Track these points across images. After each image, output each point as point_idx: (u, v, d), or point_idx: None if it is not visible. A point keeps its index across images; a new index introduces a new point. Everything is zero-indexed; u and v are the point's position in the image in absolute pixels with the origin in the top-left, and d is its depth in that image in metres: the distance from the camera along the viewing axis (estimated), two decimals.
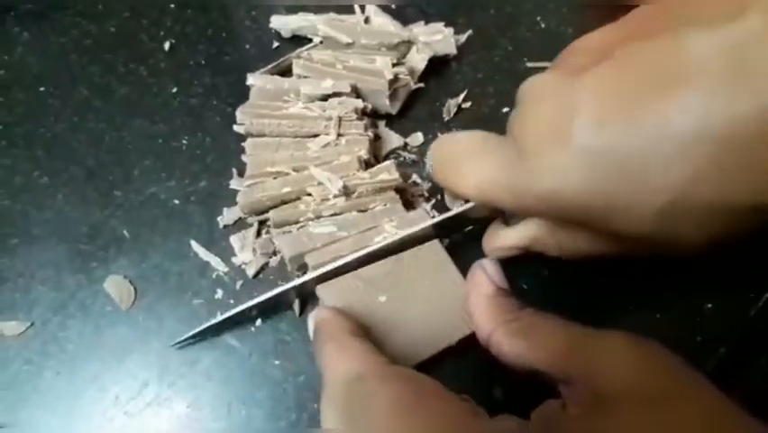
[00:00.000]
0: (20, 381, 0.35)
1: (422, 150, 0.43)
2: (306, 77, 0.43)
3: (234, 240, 0.39)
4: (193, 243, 0.39)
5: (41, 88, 0.45)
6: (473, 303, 0.32)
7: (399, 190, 0.39)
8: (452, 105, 0.45)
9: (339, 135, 0.40)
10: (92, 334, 0.36)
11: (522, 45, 0.48)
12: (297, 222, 0.37)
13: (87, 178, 0.42)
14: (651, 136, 0.22)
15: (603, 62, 0.25)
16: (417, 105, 0.45)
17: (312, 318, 0.33)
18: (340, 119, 0.40)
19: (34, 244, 0.39)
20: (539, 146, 0.26)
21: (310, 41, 0.47)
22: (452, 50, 0.47)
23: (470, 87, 0.46)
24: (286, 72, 0.45)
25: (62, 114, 0.44)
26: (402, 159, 0.43)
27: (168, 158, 0.42)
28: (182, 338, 0.35)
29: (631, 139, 0.23)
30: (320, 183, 0.37)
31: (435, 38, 0.47)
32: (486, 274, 0.33)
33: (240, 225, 0.40)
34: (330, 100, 0.41)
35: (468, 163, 0.31)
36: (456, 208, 0.36)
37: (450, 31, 0.47)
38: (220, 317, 0.35)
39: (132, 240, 0.39)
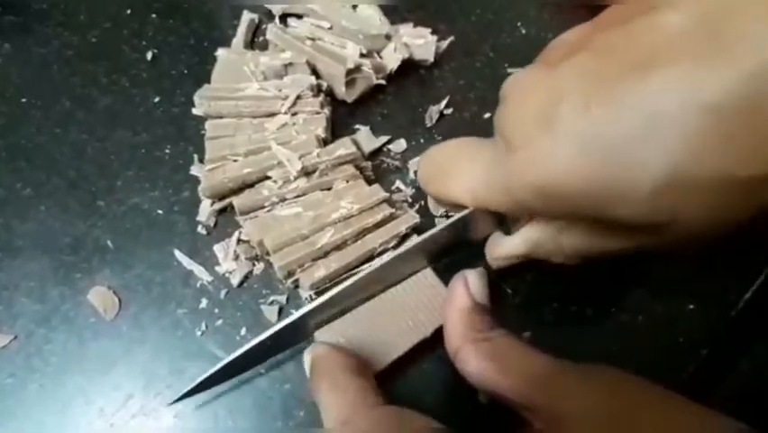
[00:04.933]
0: (4, 394, 0.35)
1: (405, 156, 0.43)
2: (276, 45, 0.44)
3: (218, 249, 0.39)
4: (176, 252, 0.39)
5: (23, 100, 0.45)
6: (447, 316, 0.32)
7: (359, 168, 0.40)
8: (434, 111, 0.45)
9: (294, 114, 0.40)
10: (76, 346, 0.36)
11: (503, 51, 0.49)
12: (262, 207, 0.38)
13: (70, 189, 0.41)
14: (637, 115, 0.22)
15: (583, 50, 0.24)
16: (399, 112, 0.45)
17: (308, 354, 0.32)
18: (298, 97, 0.40)
19: (17, 256, 0.39)
20: (526, 137, 0.26)
21: None
22: (430, 58, 0.47)
23: (452, 94, 0.46)
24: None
25: (44, 125, 0.44)
26: (385, 165, 0.43)
27: (150, 168, 0.42)
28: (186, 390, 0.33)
29: (618, 120, 0.22)
30: (279, 163, 0.38)
31: (417, 42, 0.47)
32: (465, 287, 0.32)
33: (223, 233, 0.40)
34: (285, 79, 0.42)
35: (457, 169, 0.31)
36: (447, 220, 0.34)
37: (433, 39, 0.47)
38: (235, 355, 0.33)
39: (115, 250, 0.39)
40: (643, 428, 0.24)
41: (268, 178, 0.38)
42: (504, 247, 0.34)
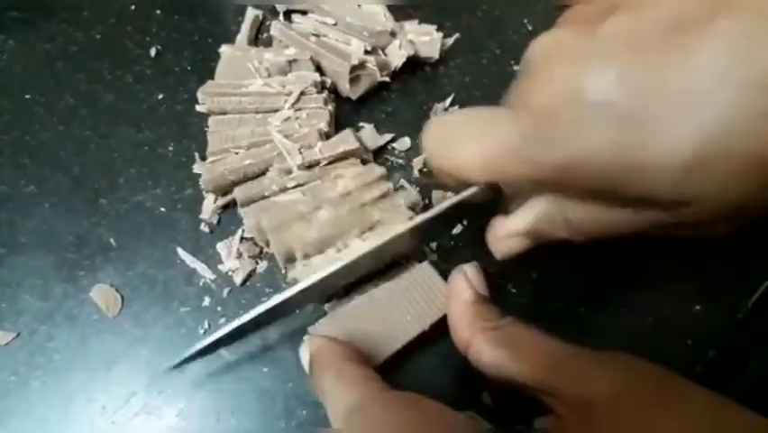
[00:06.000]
0: (6, 391, 0.35)
1: (409, 154, 0.43)
2: (281, 41, 0.45)
3: (221, 247, 0.38)
4: (179, 250, 0.39)
5: (27, 96, 0.45)
6: (452, 309, 0.32)
7: (363, 162, 0.39)
8: (439, 109, 0.45)
9: (297, 110, 0.40)
10: (79, 343, 0.36)
11: (509, 48, 0.48)
12: (262, 197, 0.38)
13: (73, 186, 0.41)
14: (675, 86, 0.21)
15: (616, 13, 0.23)
16: (404, 110, 0.45)
17: (305, 348, 0.32)
18: (302, 94, 0.40)
19: (21, 253, 0.39)
20: (557, 107, 0.24)
21: None
22: (435, 55, 0.46)
23: (458, 91, 0.46)
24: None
25: (48, 121, 0.44)
26: (389, 163, 0.43)
27: (153, 165, 0.42)
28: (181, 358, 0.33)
29: (655, 90, 0.22)
30: (280, 155, 0.37)
31: (422, 39, 0.47)
32: (466, 280, 0.32)
33: (226, 232, 0.39)
34: (289, 75, 0.42)
35: (471, 137, 0.29)
36: (447, 201, 0.32)
37: (438, 36, 0.47)
38: (218, 333, 0.33)
39: (118, 248, 0.39)
40: (674, 414, 0.24)
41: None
42: (508, 225, 0.32)
